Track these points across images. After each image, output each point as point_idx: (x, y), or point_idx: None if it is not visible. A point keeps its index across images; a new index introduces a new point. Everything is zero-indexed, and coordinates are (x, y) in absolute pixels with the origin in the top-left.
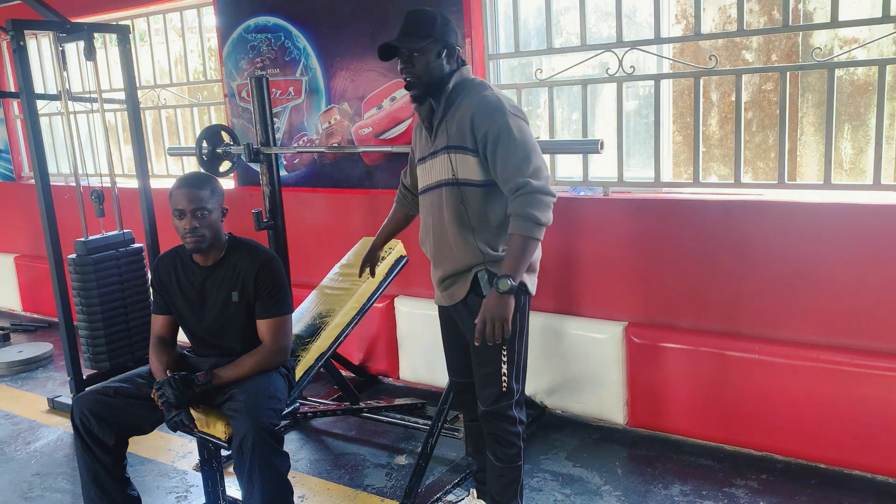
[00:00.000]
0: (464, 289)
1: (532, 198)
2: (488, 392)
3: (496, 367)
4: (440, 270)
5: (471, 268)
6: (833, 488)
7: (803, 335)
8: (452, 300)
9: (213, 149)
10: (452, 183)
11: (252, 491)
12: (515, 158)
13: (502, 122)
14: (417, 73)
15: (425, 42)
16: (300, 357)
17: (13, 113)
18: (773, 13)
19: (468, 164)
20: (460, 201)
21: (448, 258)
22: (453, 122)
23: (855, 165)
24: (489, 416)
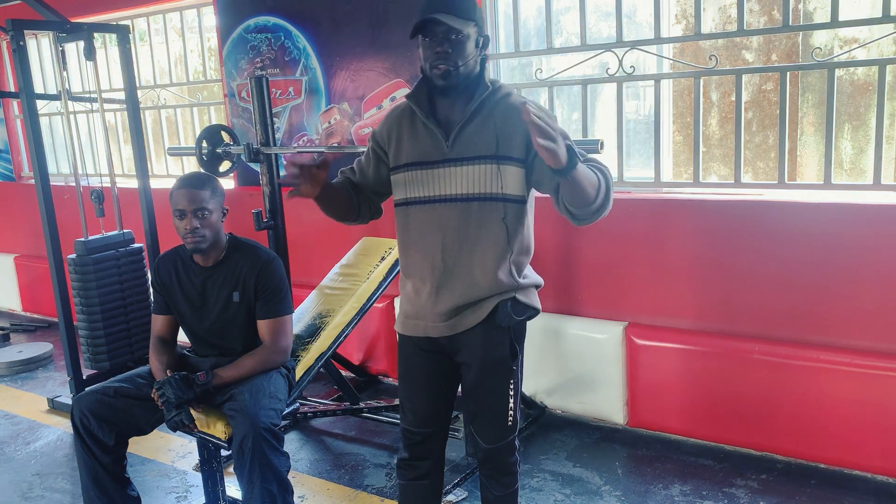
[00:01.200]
0: (476, 318)
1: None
2: (492, 430)
3: (504, 403)
4: (447, 300)
5: (493, 296)
6: (833, 488)
7: (803, 335)
8: (454, 330)
9: (213, 149)
10: (496, 198)
11: (252, 491)
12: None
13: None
14: (455, 60)
15: (469, 25)
16: (300, 357)
17: (13, 113)
18: (773, 13)
19: (513, 177)
20: (502, 219)
21: (465, 287)
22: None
23: (855, 165)
24: (492, 452)
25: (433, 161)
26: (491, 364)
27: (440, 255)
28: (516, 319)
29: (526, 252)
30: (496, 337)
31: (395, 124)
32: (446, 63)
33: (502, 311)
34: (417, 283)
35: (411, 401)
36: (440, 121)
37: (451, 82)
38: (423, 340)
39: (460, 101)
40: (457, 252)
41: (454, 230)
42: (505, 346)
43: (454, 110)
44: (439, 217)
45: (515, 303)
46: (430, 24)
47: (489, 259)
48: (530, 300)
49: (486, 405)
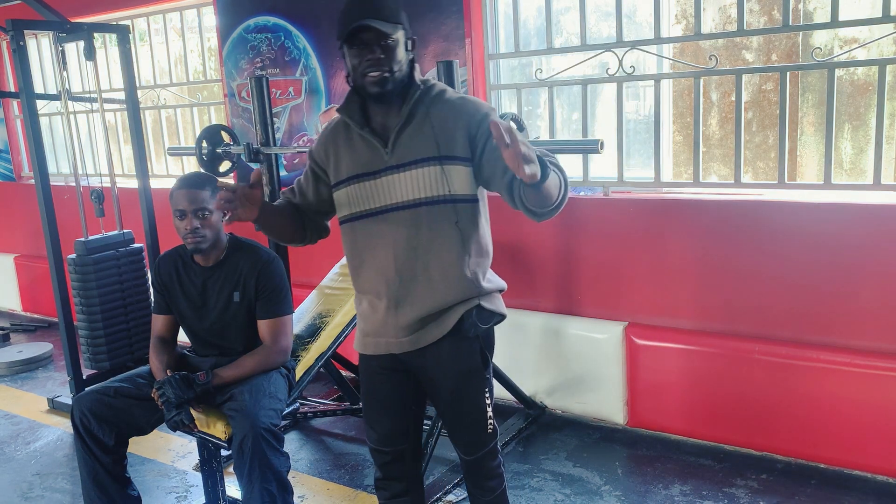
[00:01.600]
0: (441, 330)
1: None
2: (472, 440)
3: (481, 412)
4: (409, 314)
5: (457, 303)
6: (833, 488)
7: (803, 335)
8: (418, 344)
9: (213, 149)
10: (444, 200)
11: (252, 491)
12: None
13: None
14: (389, 65)
15: (398, 29)
16: (300, 357)
17: (13, 113)
18: (773, 13)
19: (460, 176)
20: (454, 221)
21: (426, 294)
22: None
23: (855, 165)
24: (475, 464)
25: (374, 171)
26: (465, 376)
27: (394, 267)
28: (483, 328)
29: (484, 254)
30: (465, 348)
31: (330, 141)
32: (380, 70)
33: (468, 321)
34: (373, 299)
35: (377, 421)
36: (376, 129)
37: (386, 89)
38: (385, 359)
39: (395, 106)
40: (412, 262)
41: (406, 239)
42: (476, 355)
43: (389, 116)
44: (388, 228)
45: (481, 310)
46: (360, 30)
47: (447, 265)
48: (496, 306)
49: (464, 418)
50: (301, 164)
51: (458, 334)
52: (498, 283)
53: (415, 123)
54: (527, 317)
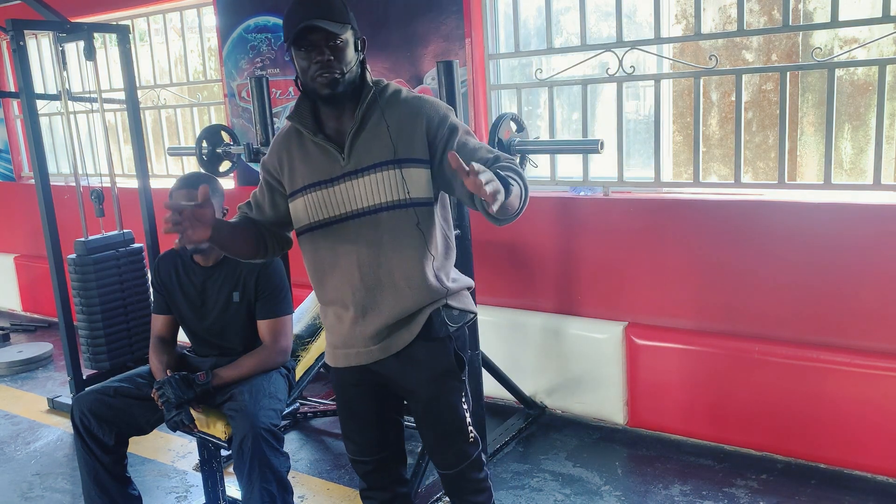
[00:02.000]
0: (410, 334)
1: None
2: (454, 451)
3: (460, 421)
4: (376, 321)
5: (425, 307)
6: (833, 488)
7: (803, 335)
8: (389, 351)
9: (213, 149)
10: (403, 204)
11: (252, 491)
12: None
13: (456, 120)
14: (341, 66)
15: (347, 29)
16: (300, 357)
17: (13, 113)
18: (773, 13)
19: (420, 179)
20: (415, 225)
21: (393, 302)
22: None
23: (855, 165)
24: (458, 477)
25: (331, 178)
26: (439, 379)
27: (358, 275)
28: (454, 327)
29: (448, 254)
30: (438, 349)
31: (283, 149)
32: (330, 71)
33: (437, 321)
34: (339, 309)
35: (355, 432)
36: (330, 135)
37: (337, 90)
38: (356, 371)
39: (348, 110)
40: (375, 268)
41: (367, 245)
42: (449, 356)
43: (342, 121)
44: (349, 235)
45: (449, 309)
46: (307, 31)
47: (411, 269)
48: (464, 304)
49: (443, 426)
50: None
51: (428, 336)
52: (464, 281)
53: (370, 126)
54: (527, 317)
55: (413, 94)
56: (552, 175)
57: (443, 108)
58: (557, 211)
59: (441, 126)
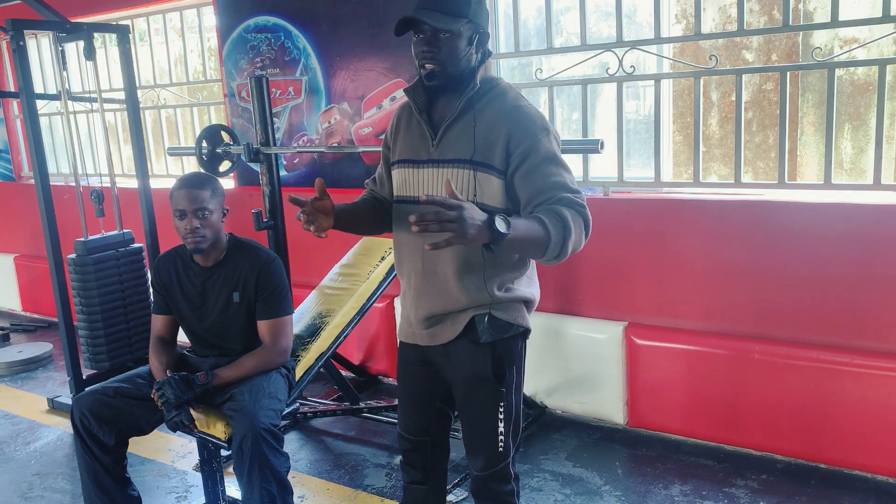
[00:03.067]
0: (453, 331)
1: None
2: (481, 455)
3: (492, 426)
4: (426, 306)
5: (468, 308)
6: (833, 488)
7: (803, 335)
8: (435, 341)
9: (213, 149)
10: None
11: (252, 491)
12: (558, 179)
13: (546, 143)
14: (442, 59)
15: (459, 23)
16: (300, 357)
17: (13, 113)
18: (773, 13)
19: (491, 187)
20: None
21: (440, 294)
22: (472, 129)
23: (855, 165)
24: (483, 481)
25: (420, 160)
26: (473, 383)
27: (420, 259)
28: (496, 336)
29: (507, 265)
30: (477, 354)
31: (396, 119)
32: (432, 63)
33: (480, 327)
34: (404, 285)
35: (403, 409)
36: (433, 118)
37: (435, 83)
38: (414, 349)
39: (453, 100)
40: (434, 258)
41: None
42: (487, 363)
43: (447, 109)
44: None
45: (492, 319)
46: (412, 23)
47: (461, 268)
48: (511, 317)
49: (473, 428)
50: (301, 164)
51: (470, 338)
52: (522, 292)
53: (463, 121)
54: None
55: (514, 102)
56: None
57: (536, 126)
58: None
59: (522, 143)
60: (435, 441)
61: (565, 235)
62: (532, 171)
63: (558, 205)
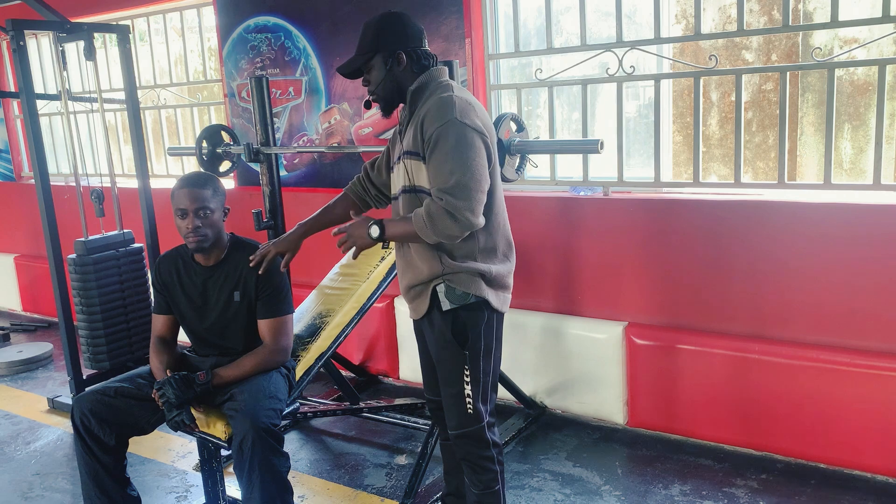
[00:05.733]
0: (425, 303)
1: (440, 207)
2: (453, 414)
3: (459, 388)
4: (405, 280)
5: (430, 280)
6: (833, 488)
7: (803, 335)
8: (418, 314)
9: (213, 149)
10: (409, 190)
11: (252, 491)
12: (442, 167)
13: (444, 125)
14: (372, 89)
15: (362, 59)
16: (300, 357)
17: (13, 113)
18: (773, 13)
19: (421, 171)
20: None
21: (410, 268)
22: (414, 127)
23: (855, 165)
24: (459, 440)
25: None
26: (441, 346)
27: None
28: (454, 304)
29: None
30: (441, 322)
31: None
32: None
33: (441, 296)
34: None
35: (422, 373)
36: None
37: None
38: (416, 323)
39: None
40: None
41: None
42: (448, 328)
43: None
44: (395, 209)
45: (448, 288)
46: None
47: (418, 247)
48: (466, 287)
49: (444, 388)
50: (301, 164)
51: (438, 308)
52: (475, 266)
53: (411, 121)
54: (527, 317)
55: (440, 95)
56: (552, 175)
57: (444, 114)
58: (557, 211)
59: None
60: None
61: (426, 229)
62: (431, 159)
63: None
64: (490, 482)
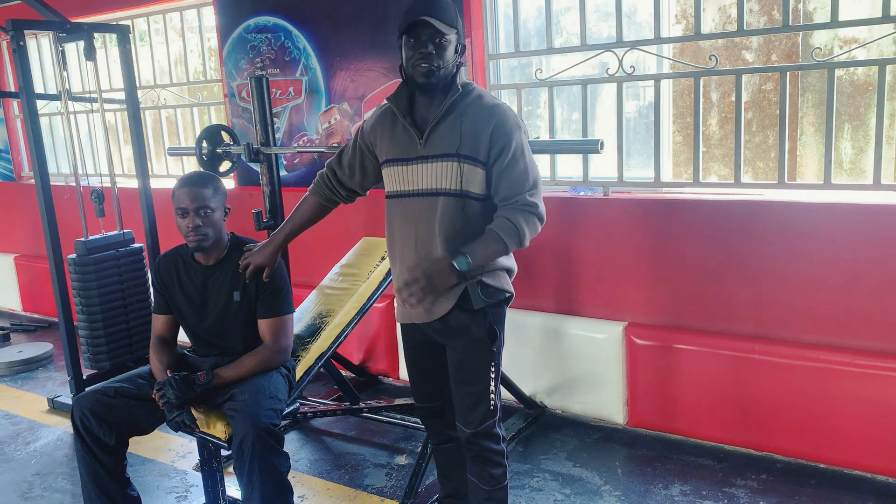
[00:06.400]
0: (448, 304)
1: (526, 212)
2: (477, 412)
3: (485, 385)
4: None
5: (459, 283)
6: (833, 488)
7: (803, 335)
8: (431, 316)
9: (213, 149)
10: (456, 194)
11: (252, 491)
12: (522, 174)
13: (518, 139)
14: (437, 61)
15: (452, 32)
16: (300, 357)
17: (13, 113)
18: (773, 13)
19: (475, 177)
20: (462, 209)
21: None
22: (459, 126)
23: (855, 165)
24: (476, 438)
25: (409, 158)
26: (470, 346)
27: (414, 247)
28: (488, 301)
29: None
30: (472, 320)
31: (378, 124)
32: (429, 63)
33: (473, 295)
34: (397, 271)
35: (412, 381)
36: (416, 121)
37: (431, 80)
38: (412, 328)
39: (436, 102)
40: (427, 244)
41: (424, 223)
42: (481, 327)
43: (429, 110)
44: (412, 210)
45: (484, 286)
46: (420, 25)
47: (454, 249)
48: (499, 283)
49: (468, 386)
50: (301, 164)
51: (464, 307)
52: (505, 263)
53: (448, 121)
54: (527, 317)
55: (491, 102)
56: (552, 175)
57: (511, 123)
58: (557, 211)
59: (501, 139)
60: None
61: (520, 237)
62: (507, 168)
63: (517, 212)
64: (501, 477)
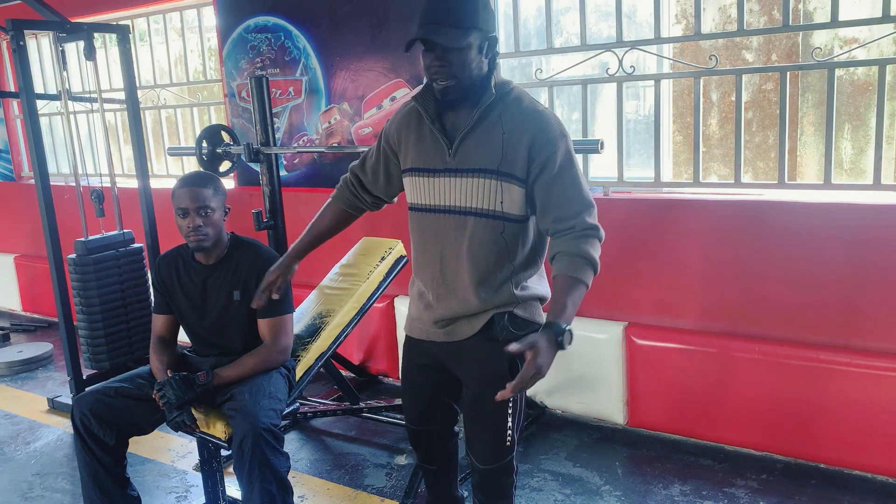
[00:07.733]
0: (471, 328)
1: (591, 239)
2: (490, 449)
3: (502, 421)
4: (442, 309)
5: (487, 310)
6: (833, 488)
7: (803, 335)
8: (451, 337)
9: (213, 149)
10: (494, 215)
11: (252, 491)
12: (573, 191)
13: (564, 149)
14: (454, 73)
15: (469, 35)
16: (300, 357)
17: (13, 113)
18: (773, 13)
19: (513, 196)
20: (500, 233)
21: (458, 297)
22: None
23: (855, 165)
24: (488, 474)
25: (435, 169)
26: (489, 380)
27: (439, 266)
28: (515, 334)
29: (528, 265)
30: (494, 351)
31: (403, 125)
32: (445, 79)
33: (498, 325)
34: (422, 287)
35: (407, 400)
36: (446, 126)
37: (450, 97)
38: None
39: (466, 108)
40: (454, 265)
41: (452, 242)
42: (503, 361)
43: (459, 117)
44: (439, 227)
45: (513, 317)
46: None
47: (486, 274)
48: (530, 314)
49: (484, 422)
50: (301, 164)
51: (487, 336)
52: (537, 290)
53: (482, 129)
54: None
55: (532, 107)
56: None
57: (554, 131)
58: None
59: (543, 151)
60: (442, 430)
61: (595, 270)
62: (553, 185)
63: (579, 241)
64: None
